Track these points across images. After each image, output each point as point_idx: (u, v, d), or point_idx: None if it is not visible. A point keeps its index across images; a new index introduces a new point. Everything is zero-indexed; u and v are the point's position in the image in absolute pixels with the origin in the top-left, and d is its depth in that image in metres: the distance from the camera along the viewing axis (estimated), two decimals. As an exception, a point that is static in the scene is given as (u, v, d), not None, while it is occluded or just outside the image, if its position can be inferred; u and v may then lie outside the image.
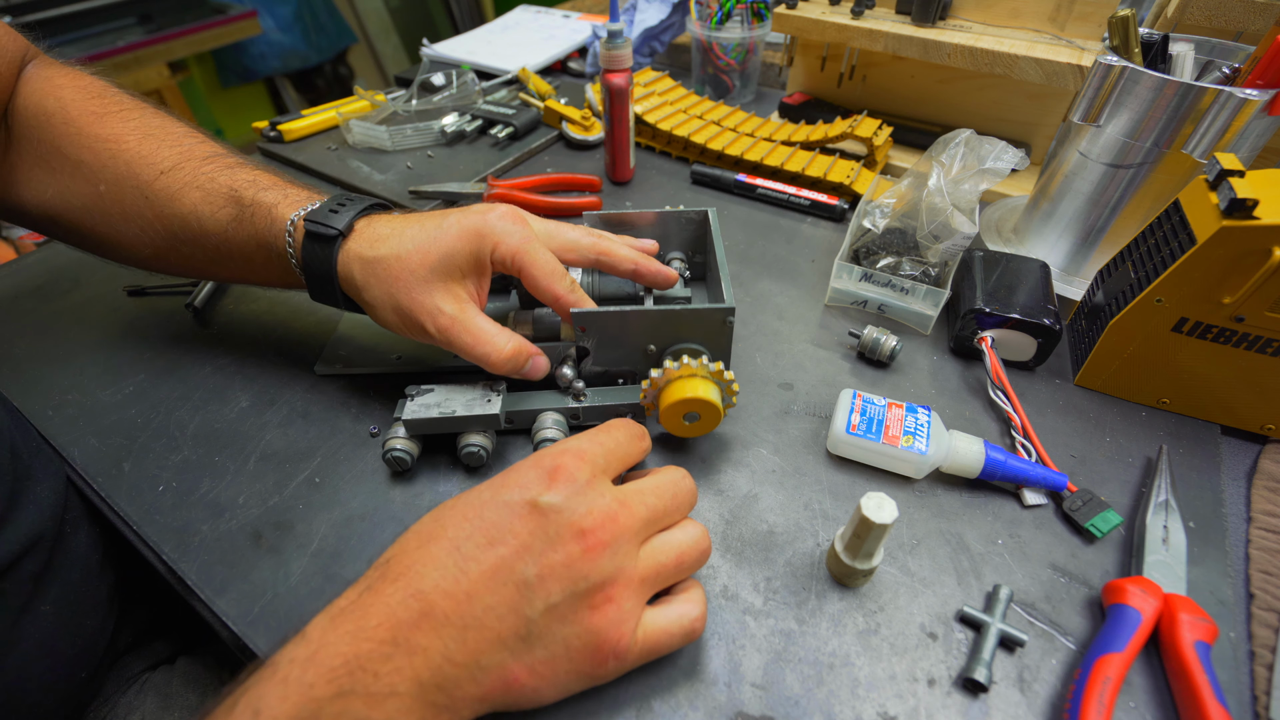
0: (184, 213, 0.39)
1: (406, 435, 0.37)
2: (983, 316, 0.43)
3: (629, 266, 0.39)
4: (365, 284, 0.36)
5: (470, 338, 0.35)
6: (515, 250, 0.35)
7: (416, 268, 0.35)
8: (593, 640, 0.26)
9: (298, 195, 0.39)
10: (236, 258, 0.40)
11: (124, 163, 0.39)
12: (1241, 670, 0.31)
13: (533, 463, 0.28)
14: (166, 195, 0.39)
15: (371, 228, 0.37)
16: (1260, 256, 0.34)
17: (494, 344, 0.35)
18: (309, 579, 0.33)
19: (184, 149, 0.40)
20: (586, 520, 0.26)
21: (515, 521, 0.26)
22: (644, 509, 0.28)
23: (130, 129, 0.40)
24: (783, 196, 0.63)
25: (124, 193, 0.39)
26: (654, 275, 0.39)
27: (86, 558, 0.39)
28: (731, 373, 0.37)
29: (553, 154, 0.74)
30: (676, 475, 0.31)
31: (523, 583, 0.25)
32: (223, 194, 0.38)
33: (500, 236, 0.35)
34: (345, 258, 0.36)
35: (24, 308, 0.51)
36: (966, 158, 0.47)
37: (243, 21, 1.82)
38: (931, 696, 0.29)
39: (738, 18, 0.74)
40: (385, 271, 0.35)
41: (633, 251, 0.39)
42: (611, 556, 0.26)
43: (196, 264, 0.41)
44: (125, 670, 0.43)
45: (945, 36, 0.61)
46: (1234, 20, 0.49)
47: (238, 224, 0.38)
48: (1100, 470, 0.39)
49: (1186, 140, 0.41)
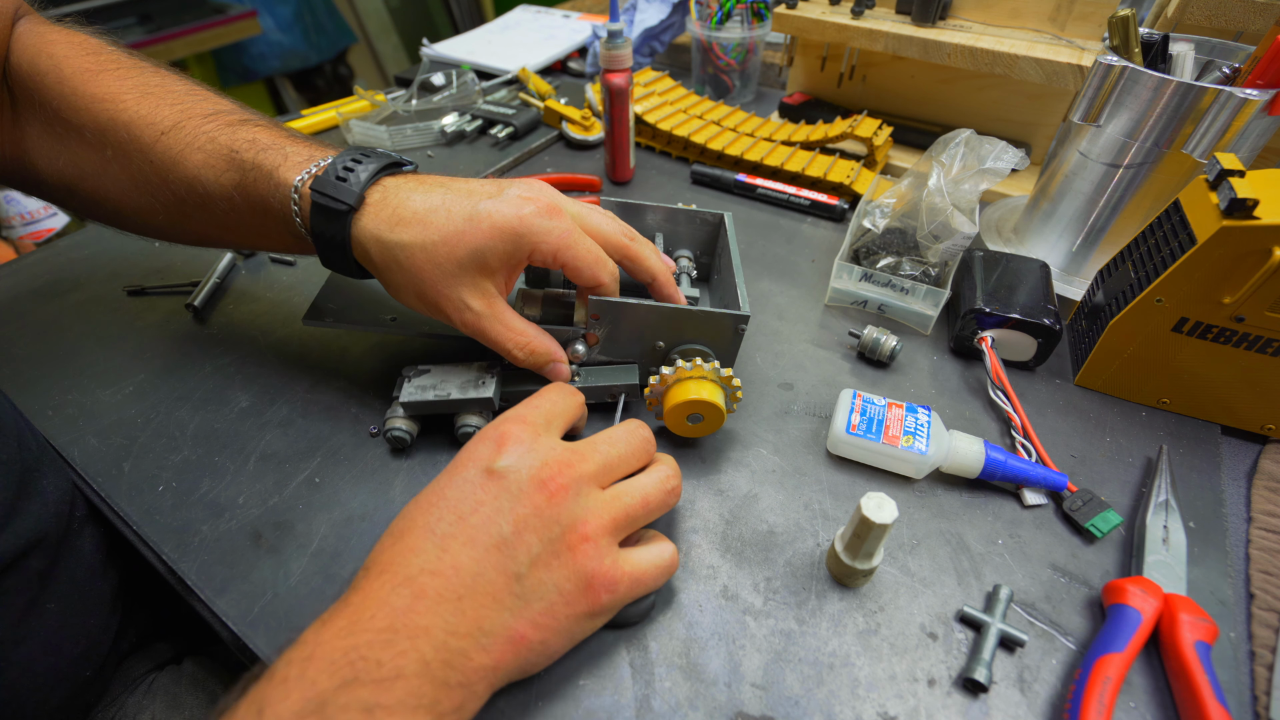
0: (188, 177, 0.36)
1: (405, 415, 0.38)
2: (983, 316, 0.43)
3: (648, 278, 0.39)
4: (385, 267, 0.34)
5: (497, 334, 0.35)
6: (557, 248, 0.34)
7: (444, 261, 0.33)
8: (582, 579, 0.27)
9: (299, 155, 0.36)
10: (247, 224, 0.38)
11: (124, 125, 0.37)
12: (1242, 670, 0.31)
13: (479, 438, 0.29)
14: (169, 159, 0.36)
15: (389, 201, 0.34)
16: (1260, 256, 0.34)
17: (520, 340, 0.36)
18: (309, 579, 0.33)
19: (184, 107, 0.38)
20: (544, 471, 0.27)
21: (477, 491, 0.27)
22: (598, 454, 0.30)
23: (128, 87, 0.38)
24: (783, 196, 0.63)
25: (129, 157, 0.37)
26: (667, 297, 0.39)
27: (91, 556, 0.39)
28: (739, 379, 0.37)
29: (553, 154, 0.74)
30: (630, 425, 0.32)
31: (501, 541, 0.26)
32: (223, 156, 0.36)
33: (540, 236, 0.34)
34: (360, 235, 0.34)
35: (24, 308, 0.51)
36: (966, 158, 0.47)
37: (242, 21, 1.81)
38: (931, 696, 0.29)
39: (738, 18, 0.74)
40: (409, 260, 0.33)
41: (660, 264, 0.39)
42: (575, 498, 0.28)
43: (211, 231, 0.40)
44: (131, 671, 0.43)
45: (945, 36, 0.61)
46: (1234, 20, 0.49)
47: (241, 189, 0.36)
48: (1100, 470, 0.39)
49: (1187, 140, 0.41)
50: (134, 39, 1.63)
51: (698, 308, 0.38)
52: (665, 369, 0.36)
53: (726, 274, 0.43)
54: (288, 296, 0.52)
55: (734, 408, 0.38)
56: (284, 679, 0.22)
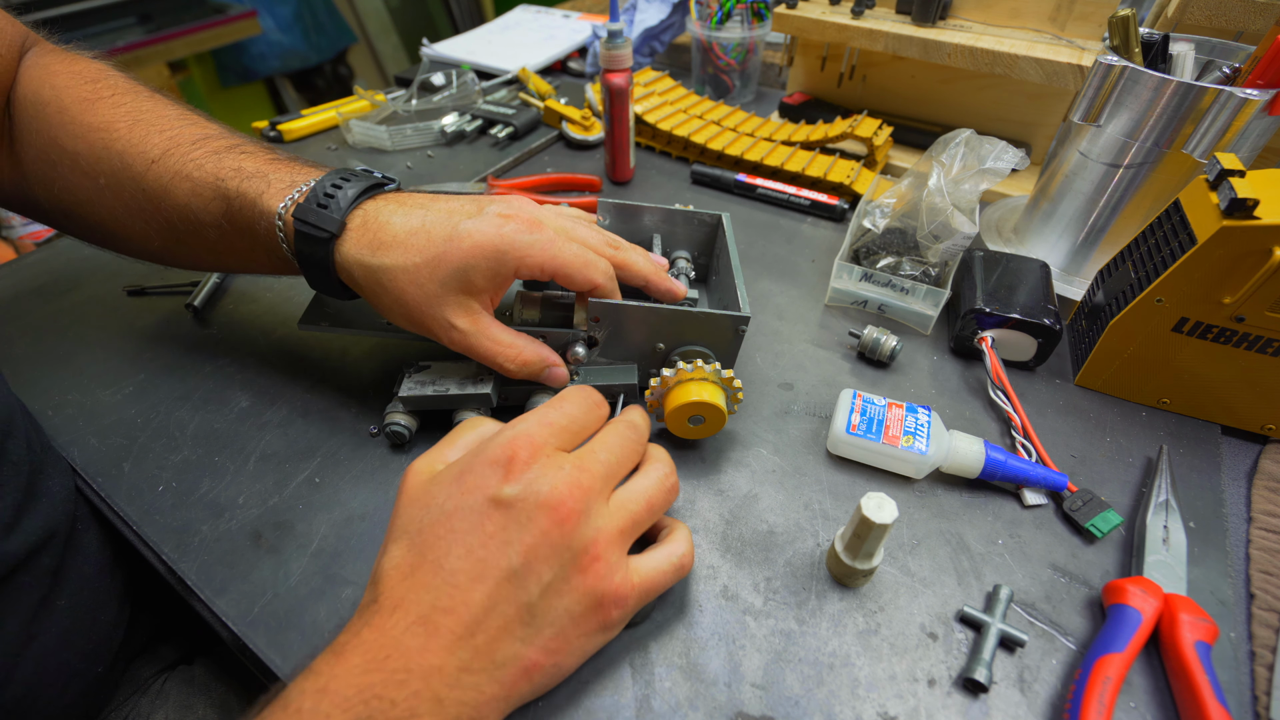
0: (178, 205, 0.37)
1: (404, 411, 0.38)
2: (983, 316, 0.43)
3: (640, 282, 0.39)
4: (370, 291, 0.35)
5: (486, 350, 0.35)
6: (543, 261, 0.34)
7: (426, 282, 0.33)
8: (592, 600, 0.27)
9: (281, 181, 0.36)
10: (238, 250, 0.39)
11: (117, 154, 0.38)
12: (1242, 670, 0.31)
13: (486, 459, 0.28)
14: (159, 187, 0.37)
15: (369, 225, 0.35)
16: (1260, 256, 0.34)
17: (509, 354, 0.36)
18: (309, 579, 0.33)
19: (173, 134, 0.38)
20: (552, 496, 0.26)
21: (485, 522, 0.26)
22: (600, 466, 0.29)
23: (121, 115, 0.39)
24: (783, 196, 0.63)
25: (121, 185, 0.38)
26: (665, 291, 0.39)
27: (99, 554, 0.40)
28: (739, 380, 0.37)
29: (553, 154, 0.74)
30: (623, 423, 0.32)
31: (512, 574, 0.25)
32: (210, 185, 0.37)
33: (524, 251, 0.34)
34: (344, 260, 0.35)
35: (24, 308, 0.51)
36: (966, 158, 0.47)
37: (242, 21, 1.81)
38: (932, 696, 0.29)
39: (738, 18, 0.74)
40: (392, 283, 0.34)
41: (649, 264, 0.39)
42: (585, 520, 0.27)
43: (204, 257, 0.41)
44: (140, 673, 0.43)
45: (945, 36, 0.61)
46: (1234, 20, 0.49)
47: (228, 217, 0.37)
48: (1100, 470, 0.39)
49: (1187, 140, 0.41)
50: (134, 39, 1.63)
51: (697, 309, 0.38)
52: (666, 371, 0.36)
53: (725, 275, 0.43)
54: (288, 296, 0.52)
55: (735, 409, 0.38)
56: (298, 710, 0.22)
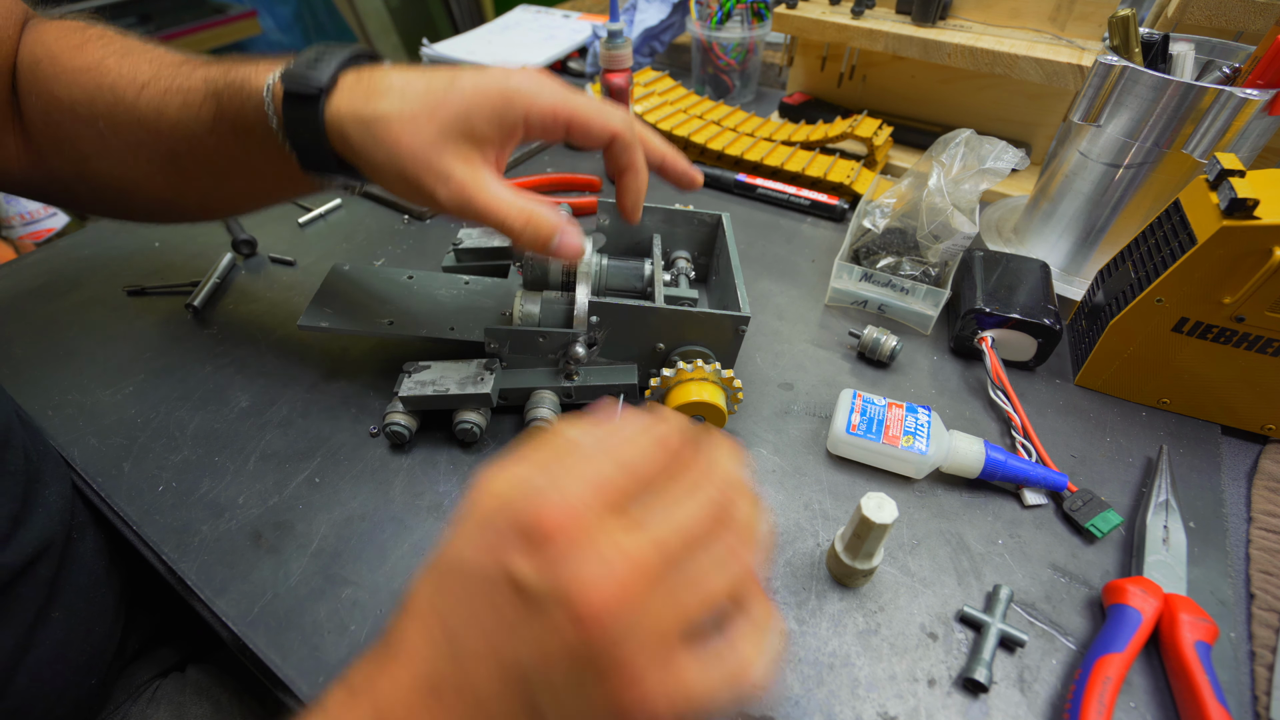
0: (173, 124, 0.36)
1: (404, 410, 0.38)
2: (983, 316, 0.43)
3: (657, 159, 0.37)
4: (364, 147, 0.32)
5: (487, 205, 0.32)
6: (555, 104, 0.32)
7: (424, 127, 0.31)
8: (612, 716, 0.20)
9: (271, 63, 0.34)
10: (237, 162, 0.37)
11: (108, 88, 0.37)
12: (1242, 670, 0.31)
13: (510, 519, 0.20)
14: (153, 110, 0.36)
15: (364, 81, 0.32)
16: (1260, 256, 0.34)
17: (512, 212, 0.32)
18: (309, 579, 0.33)
19: (159, 58, 0.38)
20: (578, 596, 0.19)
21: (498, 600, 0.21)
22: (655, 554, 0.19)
23: (109, 51, 0.38)
24: (783, 196, 0.63)
25: (118, 121, 0.37)
26: (683, 173, 0.37)
27: (94, 563, 0.39)
28: (740, 380, 0.37)
29: (553, 154, 0.74)
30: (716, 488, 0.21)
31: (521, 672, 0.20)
32: (200, 90, 0.35)
33: (532, 96, 0.31)
34: (335, 116, 0.32)
35: (24, 308, 0.51)
36: (966, 158, 0.47)
37: (243, 21, 1.82)
38: (932, 696, 0.29)
39: (738, 18, 0.74)
40: (387, 133, 0.31)
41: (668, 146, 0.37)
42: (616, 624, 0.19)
43: (210, 187, 0.40)
44: (134, 678, 0.43)
45: (945, 36, 0.61)
46: (1234, 20, 0.49)
47: (221, 118, 0.35)
48: (1100, 470, 0.39)
49: (1187, 140, 0.41)
50: (134, 39, 1.63)
51: (697, 309, 0.38)
52: (666, 371, 0.36)
53: (725, 274, 0.43)
54: (288, 296, 0.52)
55: (735, 409, 0.38)
56: None
